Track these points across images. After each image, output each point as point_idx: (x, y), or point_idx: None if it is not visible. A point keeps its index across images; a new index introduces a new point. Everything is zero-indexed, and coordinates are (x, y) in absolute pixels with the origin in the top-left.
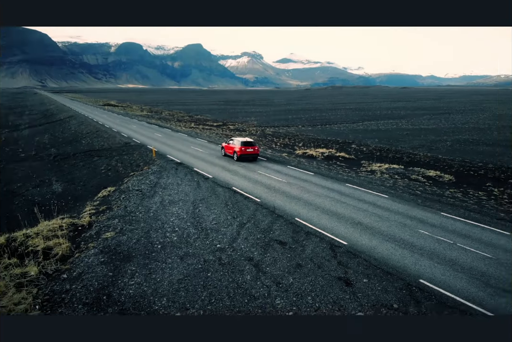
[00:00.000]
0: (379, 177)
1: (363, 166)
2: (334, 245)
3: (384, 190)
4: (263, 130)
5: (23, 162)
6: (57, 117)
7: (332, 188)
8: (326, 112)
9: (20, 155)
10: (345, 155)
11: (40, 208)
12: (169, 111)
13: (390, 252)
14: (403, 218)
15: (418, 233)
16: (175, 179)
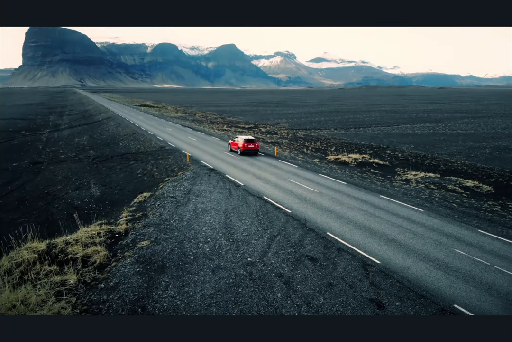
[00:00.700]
0: (414, 187)
1: (397, 174)
2: (366, 263)
3: (420, 202)
4: (295, 133)
5: (63, 164)
6: (95, 119)
7: (365, 199)
8: (360, 114)
9: (60, 156)
10: (379, 161)
11: (79, 211)
12: (202, 113)
13: (424, 273)
14: (439, 235)
15: (453, 252)
16: (207, 185)
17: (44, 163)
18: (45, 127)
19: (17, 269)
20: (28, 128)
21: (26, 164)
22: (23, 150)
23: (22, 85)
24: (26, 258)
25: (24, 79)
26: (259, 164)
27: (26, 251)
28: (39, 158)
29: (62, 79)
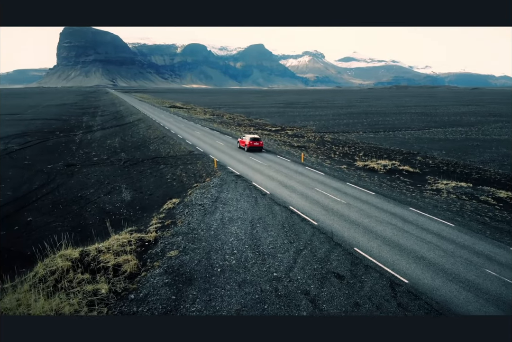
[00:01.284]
0: (445, 198)
1: (428, 183)
2: (394, 282)
3: (450, 216)
4: (322, 136)
5: (96, 167)
6: (127, 120)
7: (394, 212)
8: (390, 116)
9: (93, 159)
10: (409, 169)
11: (110, 217)
12: (230, 114)
13: (453, 295)
14: (470, 253)
15: (484, 273)
16: (234, 193)
17: (78, 165)
18: (79, 128)
19: (51, 277)
20: (62, 129)
21: (60, 167)
22: (57, 152)
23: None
24: (60, 265)
25: (58, 79)
26: (285, 172)
27: (60, 258)
28: (72, 161)
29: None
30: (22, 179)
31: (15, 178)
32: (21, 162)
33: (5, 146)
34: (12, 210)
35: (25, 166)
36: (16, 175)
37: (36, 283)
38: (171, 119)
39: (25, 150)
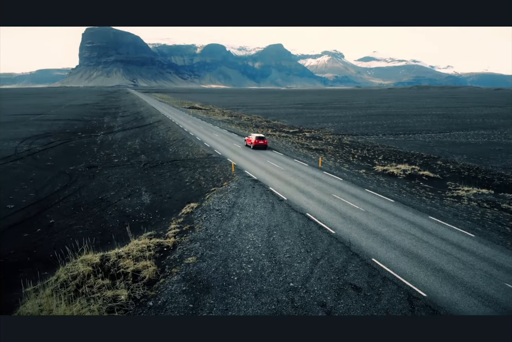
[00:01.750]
0: (465, 206)
1: (448, 189)
2: (412, 295)
3: (471, 226)
4: (340, 139)
5: (116, 169)
6: (147, 121)
7: (413, 221)
8: (410, 118)
9: (113, 160)
10: (430, 174)
11: (130, 220)
12: (248, 116)
13: (472, 310)
14: (489, 266)
15: (504, 287)
16: (251, 199)
17: (99, 167)
18: (100, 129)
19: (72, 282)
20: (84, 130)
21: (82, 168)
22: (79, 153)
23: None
24: (81, 270)
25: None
26: (302, 176)
27: (82, 263)
28: (94, 162)
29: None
30: (45, 180)
31: (38, 179)
32: (44, 164)
33: (29, 147)
34: (35, 212)
35: (48, 167)
36: (39, 176)
37: (58, 288)
38: (190, 121)
39: (48, 151)
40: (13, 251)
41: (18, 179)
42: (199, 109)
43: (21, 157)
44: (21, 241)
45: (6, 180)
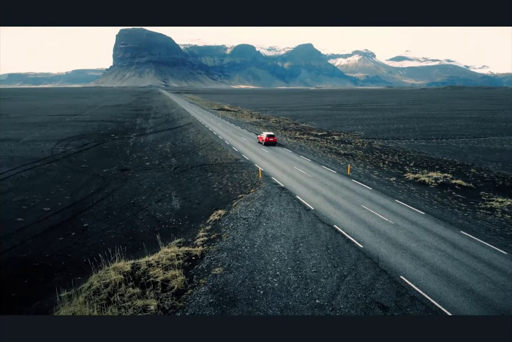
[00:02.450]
0: (499, 219)
1: (482, 200)
2: None
3: (504, 242)
4: (370, 143)
5: (148, 172)
6: (178, 124)
7: (444, 236)
8: (443, 121)
9: (145, 163)
10: (462, 183)
11: (161, 225)
12: (276, 118)
13: None
14: None
15: None
16: (278, 208)
17: (131, 170)
18: (132, 131)
19: (104, 290)
20: (117, 132)
21: (115, 171)
22: (112, 155)
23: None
24: (113, 279)
25: (114, 79)
26: (330, 185)
27: (114, 271)
28: (126, 165)
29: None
30: (79, 183)
31: (73, 181)
32: (79, 166)
33: (64, 148)
34: (70, 215)
35: (82, 170)
36: (74, 178)
37: (90, 296)
38: (219, 124)
39: (82, 153)
40: (49, 254)
41: (54, 181)
42: (228, 111)
43: (57, 159)
44: (57, 245)
45: (43, 182)
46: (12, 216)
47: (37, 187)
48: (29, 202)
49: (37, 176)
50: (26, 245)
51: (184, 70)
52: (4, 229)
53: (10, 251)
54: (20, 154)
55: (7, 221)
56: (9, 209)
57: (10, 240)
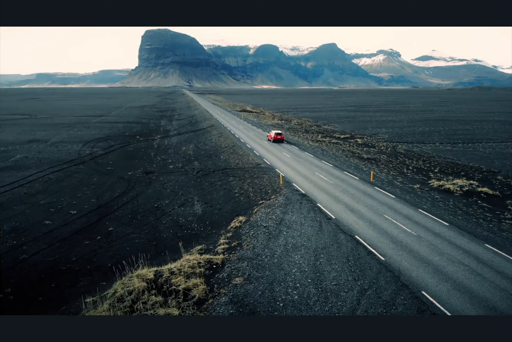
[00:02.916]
0: None
1: (508, 209)
2: None
3: None
4: (394, 147)
5: (171, 176)
6: (200, 126)
7: (468, 249)
8: (470, 124)
9: (169, 167)
10: (488, 191)
11: (183, 231)
12: (298, 119)
13: None
14: None
15: None
16: (299, 216)
17: (155, 173)
18: (157, 133)
19: (128, 297)
20: (142, 133)
21: (139, 174)
22: (137, 158)
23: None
24: (136, 286)
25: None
26: (352, 192)
27: (137, 278)
28: (150, 168)
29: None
30: (105, 186)
31: (99, 184)
32: (105, 168)
33: (91, 150)
34: (95, 219)
35: (108, 172)
36: (100, 181)
37: (114, 302)
38: (241, 126)
39: (108, 155)
40: (75, 258)
41: (81, 184)
42: (250, 112)
43: (84, 161)
44: (83, 248)
45: (70, 184)
46: (40, 218)
47: (64, 189)
48: (56, 204)
49: (64, 178)
50: (53, 249)
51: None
52: (33, 232)
53: (38, 254)
54: (48, 156)
55: (35, 223)
56: (38, 211)
57: (38, 243)
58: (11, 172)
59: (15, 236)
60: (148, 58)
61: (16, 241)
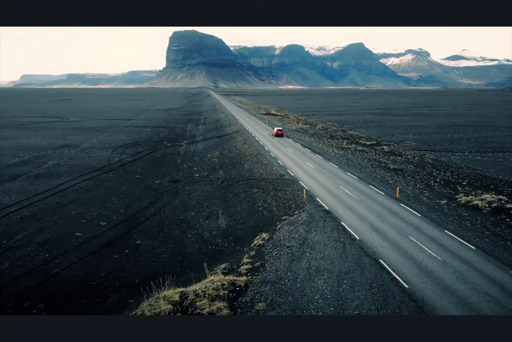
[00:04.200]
0: None
1: None
2: None
3: None
4: (422, 156)
5: (197, 185)
6: (225, 131)
7: (494, 277)
8: (501, 131)
9: (195, 175)
10: None
11: (207, 246)
12: (323, 124)
13: None
14: None
15: None
16: (322, 235)
17: (181, 182)
18: (183, 138)
19: None
20: (169, 139)
21: (166, 182)
22: (164, 164)
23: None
24: (163, 309)
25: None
26: (377, 210)
27: (163, 300)
28: (177, 176)
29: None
30: (133, 195)
31: (127, 193)
32: (133, 176)
33: (120, 157)
34: (124, 231)
35: (136, 180)
36: (129, 190)
37: None
38: (265, 132)
39: (136, 162)
40: (104, 273)
41: (110, 193)
42: (275, 116)
43: (113, 168)
44: (111, 263)
45: (100, 193)
46: (71, 230)
47: (94, 199)
48: (87, 215)
49: (95, 187)
50: (83, 262)
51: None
52: (64, 244)
53: (68, 268)
54: (79, 163)
55: (67, 236)
56: (69, 222)
57: (69, 256)
58: (44, 180)
59: (47, 248)
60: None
61: (48, 254)
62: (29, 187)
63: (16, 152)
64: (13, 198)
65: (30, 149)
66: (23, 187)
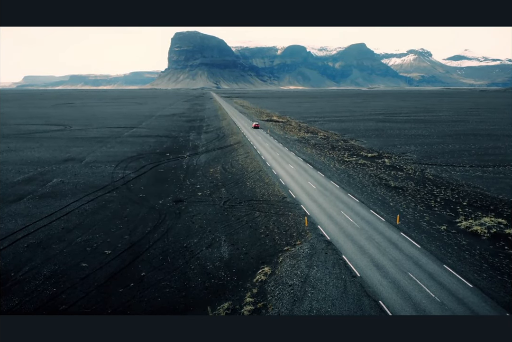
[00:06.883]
0: None
1: None
2: None
3: None
4: (423, 171)
5: (200, 206)
6: (228, 142)
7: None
8: (502, 140)
9: (197, 194)
10: None
11: (210, 279)
12: (324, 132)
13: None
14: None
15: None
16: (323, 272)
17: (184, 202)
18: (186, 149)
19: None
20: (171, 150)
21: (169, 202)
22: (167, 181)
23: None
24: None
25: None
26: (378, 240)
27: None
28: (180, 194)
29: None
30: (137, 218)
31: (131, 216)
32: (137, 195)
33: (123, 173)
34: (129, 260)
35: (140, 200)
36: (132, 212)
37: None
38: (267, 144)
39: (140, 179)
40: (110, 310)
41: (114, 216)
42: (276, 122)
43: (117, 187)
44: (117, 298)
45: (104, 217)
46: (78, 260)
47: (99, 223)
48: (92, 242)
49: (99, 210)
50: (90, 297)
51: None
52: (71, 277)
53: (75, 305)
54: (83, 180)
55: (73, 266)
56: (75, 251)
57: (75, 291)
58: (49, 201)
59: (54, 282)
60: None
61: (55, 288)
62: (35, 210)
63: (20, 167)
64: (19, 223)
65: (34, 163)
66: (28, 210)
